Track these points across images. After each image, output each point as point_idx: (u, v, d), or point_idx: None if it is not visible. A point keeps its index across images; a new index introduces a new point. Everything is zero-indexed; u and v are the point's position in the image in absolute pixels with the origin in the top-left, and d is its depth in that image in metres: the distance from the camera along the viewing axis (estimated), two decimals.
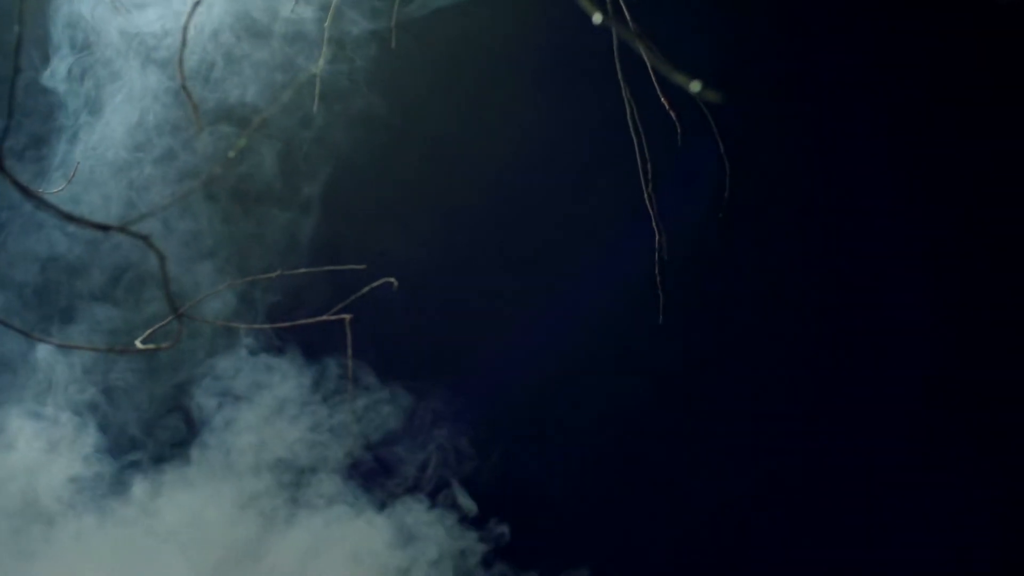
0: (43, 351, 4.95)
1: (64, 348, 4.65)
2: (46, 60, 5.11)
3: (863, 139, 5.89)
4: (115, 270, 5.28)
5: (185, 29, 3.00)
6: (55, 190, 4.31)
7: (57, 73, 5.08)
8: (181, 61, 3.02)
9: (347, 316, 3.32)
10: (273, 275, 4.23)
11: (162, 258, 2.79)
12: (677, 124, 4.02)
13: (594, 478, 5.74)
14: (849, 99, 5.90)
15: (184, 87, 2.88)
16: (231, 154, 4.50)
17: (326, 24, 5.30)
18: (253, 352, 5.10)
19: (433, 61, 5.55)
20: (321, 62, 5.30)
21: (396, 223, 5.59)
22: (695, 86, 2.11)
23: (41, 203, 2.67)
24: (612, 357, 5.85)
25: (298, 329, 4.73)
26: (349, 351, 3.29)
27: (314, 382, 5.30)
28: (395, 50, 5.54)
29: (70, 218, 2.66)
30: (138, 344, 3.25)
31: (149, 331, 3.26)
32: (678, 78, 2.14)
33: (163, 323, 3.27)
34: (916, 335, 5.86)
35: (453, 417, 5.48)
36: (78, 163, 4.58)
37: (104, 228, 2.72)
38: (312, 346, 5.23)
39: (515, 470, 5.59)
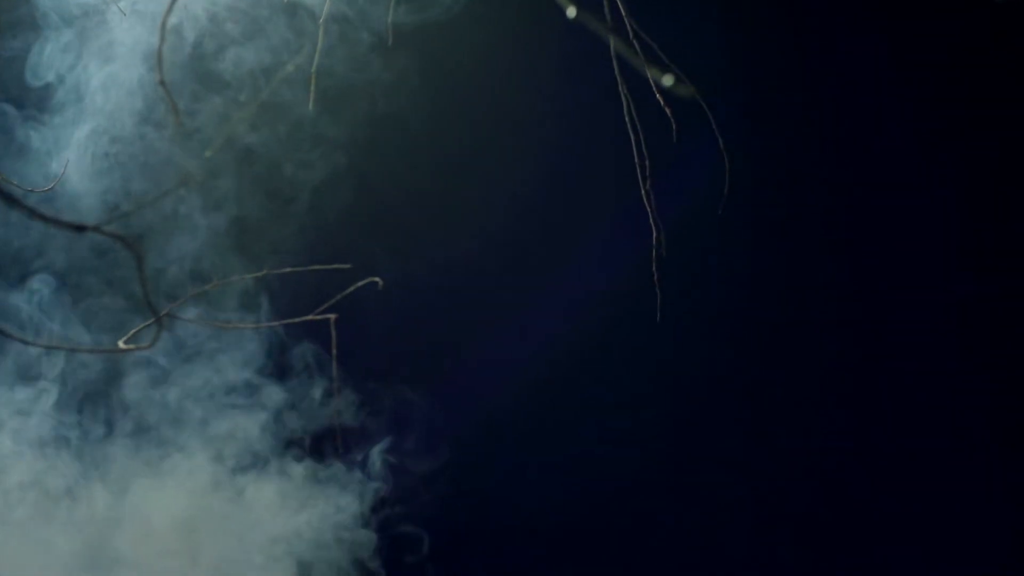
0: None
1: (46, 347, 4.63)
2: (30, 46, 5.02)
3: (862, 137, 5.86)
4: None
5: (163, 26, 2.97)
6: (43, 188, 4.28)
7: (42, 61, 5.00)
8: (160, 58, 2.99)
9: (332, 316, 3.29)
10: (259, 274, 4.19)
11: (140, 258, 2.76)
12: (672, 121, 3.99)
13: (588, 479, 5.70)
14: (848, 97, 5.87)
15: (162, 83, 2.85)
16: (208, 153, 4.47)
17: (320, 21, 5.26)
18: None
19: (428, 60, 5.52)
20: (316, 60, 5.25)
21: (388, 222, 5.57)
22: (667, 80, 2.07)
23: (14, 203, 2.63)
24: (609, 355, 5.82)
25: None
26: (334, 350, 3.26)
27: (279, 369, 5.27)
28: (391, 49, 5.51)
29: (44, 218, 2.62)
30: (120, 344, 3.22)
31: (133, 331, 3.23)
32: (652, 72, 2.10)
33: (146, 324, 3.24)
34: (917, 333, 5.82)
35: (442, 417, 5.46)
36: (67, 161, 4.54)
37: (80, 228, 2.68)
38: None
39: (506, 470, 5.57)
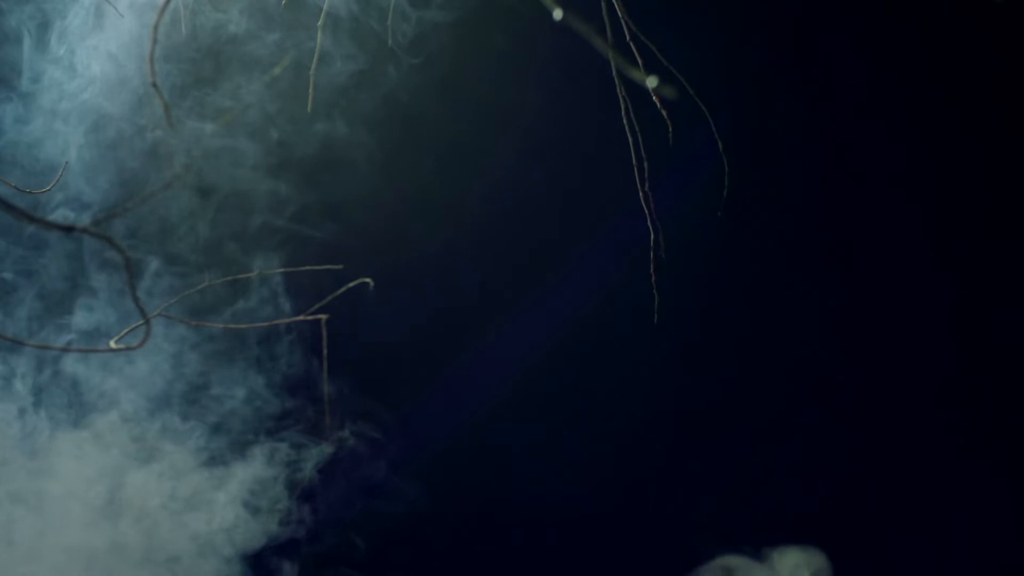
0: None
1: (38, 348, 4.64)
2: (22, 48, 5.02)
3: (860, 138, 5.85)
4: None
5: (156, 28, 2.97)
6: (42, 189, 4.29)
7: (39, 58, 4.99)
8: (152, 59, 3.00)
9: (323, 316, 3.30)
10: (251, 275, 4.19)
11: (127, 258, 2.76)
12: (669, 123, 3.99)
13: (585, 480, 5.70)
14: (847, 97, 5.86)
15: (154, 84, 2.85)
16: (196, 154, 4.47)
17: (319, 23, 5.27)
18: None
19: (427, 61, 5.52)
20: (315, 62, 5.25)
21: (386, 222, 5.57)
22: (651, 81, 2.07)
23: (2, 204, 2.63)
24: (606, 357, 5.81)
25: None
26: (324, 351, 3.26)
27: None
28: (391, 49, 5.50)
29: (32, 219, 2.62)
30: (112, 344, 3.24)
31: (124, 331, 3.24)
32: (635, 74, 2.10)
33: (137, 324, 3.25)
34: (918, 335, 5.80)
35: (437, 417, 5.46)
36: (66, 162, 4.55)
37: (68, 229, 2.69)
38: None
39: (501, 470, 5.56)
